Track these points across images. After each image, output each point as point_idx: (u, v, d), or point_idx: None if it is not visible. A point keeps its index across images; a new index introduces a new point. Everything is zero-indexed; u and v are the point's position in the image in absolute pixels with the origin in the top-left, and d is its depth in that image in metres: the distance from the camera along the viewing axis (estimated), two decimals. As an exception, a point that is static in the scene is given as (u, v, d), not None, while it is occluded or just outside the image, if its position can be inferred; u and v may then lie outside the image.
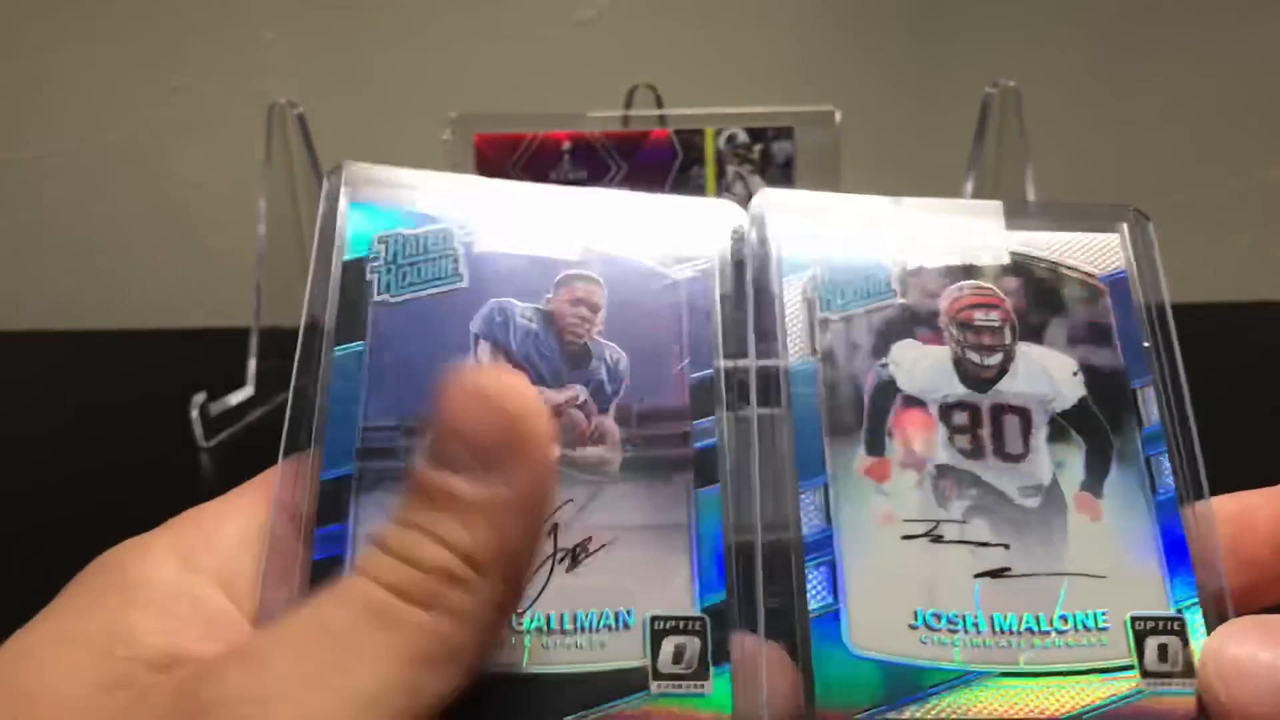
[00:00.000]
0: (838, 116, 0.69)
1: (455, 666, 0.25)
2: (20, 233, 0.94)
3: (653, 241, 0.36)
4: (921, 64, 0.88)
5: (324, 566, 0.30)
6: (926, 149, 0.87)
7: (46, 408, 0.80)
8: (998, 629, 0.31)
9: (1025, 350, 0.34)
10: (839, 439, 0.33)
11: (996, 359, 0.34)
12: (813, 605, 0.31)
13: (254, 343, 0.76)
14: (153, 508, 0.32)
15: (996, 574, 0.32)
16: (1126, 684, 0.30)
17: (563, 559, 0.31)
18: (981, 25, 0.86)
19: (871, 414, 0.33)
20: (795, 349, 0.34)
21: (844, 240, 0.35)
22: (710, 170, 0.70)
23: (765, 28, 0.87)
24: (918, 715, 0.30)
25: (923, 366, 0.34)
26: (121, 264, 0.95)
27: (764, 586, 0.31)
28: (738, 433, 0.33)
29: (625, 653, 0.31)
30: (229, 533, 0.29)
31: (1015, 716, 0.30)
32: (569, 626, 0.31)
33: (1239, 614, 0.31)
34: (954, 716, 0.30)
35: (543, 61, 0.88)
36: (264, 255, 0.75)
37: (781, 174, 0.70)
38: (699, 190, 0.70)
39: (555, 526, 0.32)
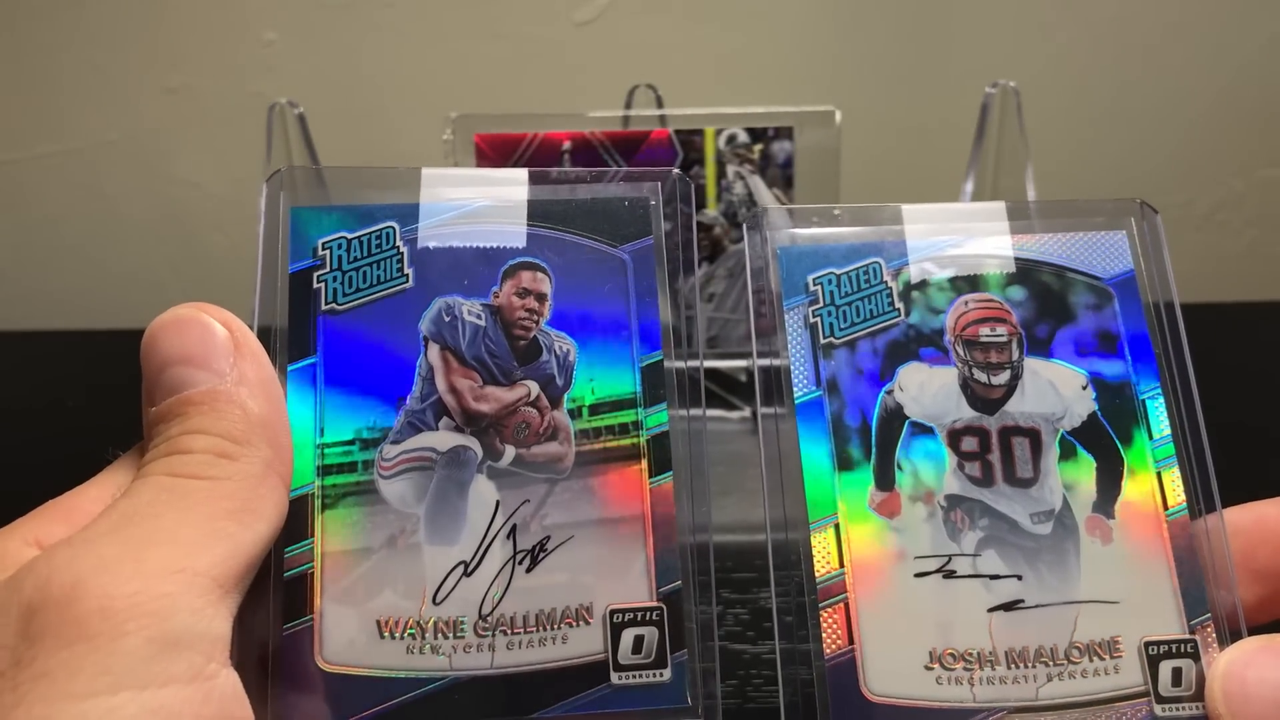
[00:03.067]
0: (838, 116, 0.68)
1: (252, 515, 0.29)
2: (20, 233, 0.94)
3: (595, 217, 0.35)
4: (921, 64, 0.87)
5: (295, 584, 0.31)
6: (926, 149, 0.87)
7: (46, 408, 0.80)
8: (1013, 664, 0.31)
9: (1033, 365, 0.34)
10: (848, 474, 0.33)
11: (1004, 377, 0.34)
12: (828, 651, 0.31)
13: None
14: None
15: (1010, 606, 0.31)
16: (1142, 711, 0.30)
17: (522, 560, 0.32)
18: (981, 25, 0.86)
19: (880, 445, 0.33)
20: (800, 381, 0.34)
21: (844, 256, 0.35)
22: (710, 170, 0.70)
23: (765, 28, 0.87)
24: None
25: (930, 390, 0.34)
26: (121, 264, 0.95)
27: (775, 586, 0.31)
28: (688, 419, 0.34)
29: (587, 646, 0.31)
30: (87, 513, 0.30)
31: None
32: (532, 625, 0.31)
33: (1252, 629, 0.31)
34: None
35: (543, 61, 0.88)
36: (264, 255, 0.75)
37: (781, 174, 0.70)
38: (699, 190, 0.70)
39: (514, 528, 0.32)
